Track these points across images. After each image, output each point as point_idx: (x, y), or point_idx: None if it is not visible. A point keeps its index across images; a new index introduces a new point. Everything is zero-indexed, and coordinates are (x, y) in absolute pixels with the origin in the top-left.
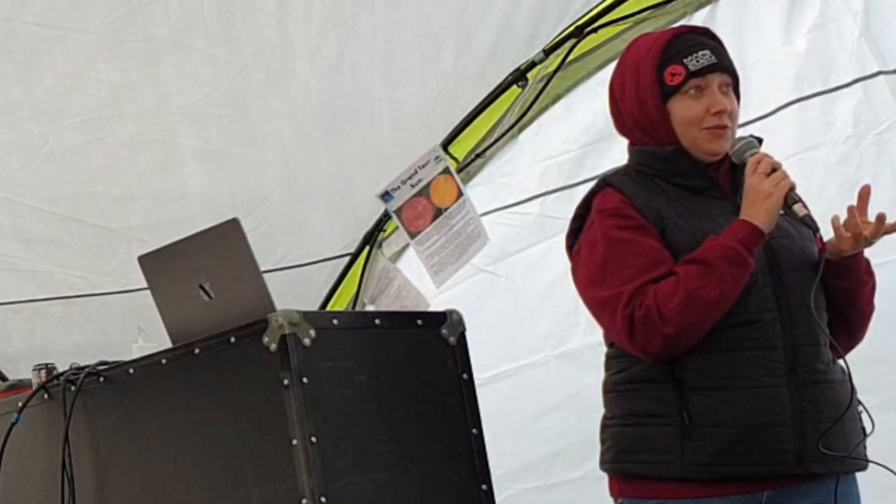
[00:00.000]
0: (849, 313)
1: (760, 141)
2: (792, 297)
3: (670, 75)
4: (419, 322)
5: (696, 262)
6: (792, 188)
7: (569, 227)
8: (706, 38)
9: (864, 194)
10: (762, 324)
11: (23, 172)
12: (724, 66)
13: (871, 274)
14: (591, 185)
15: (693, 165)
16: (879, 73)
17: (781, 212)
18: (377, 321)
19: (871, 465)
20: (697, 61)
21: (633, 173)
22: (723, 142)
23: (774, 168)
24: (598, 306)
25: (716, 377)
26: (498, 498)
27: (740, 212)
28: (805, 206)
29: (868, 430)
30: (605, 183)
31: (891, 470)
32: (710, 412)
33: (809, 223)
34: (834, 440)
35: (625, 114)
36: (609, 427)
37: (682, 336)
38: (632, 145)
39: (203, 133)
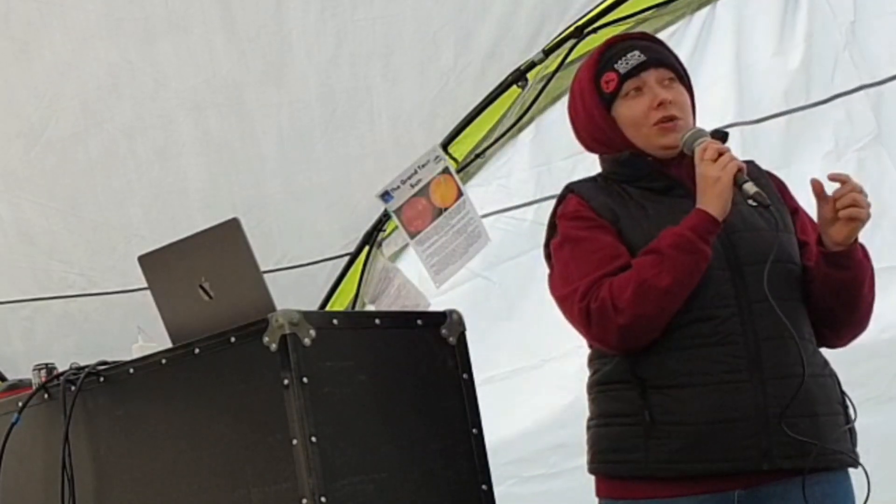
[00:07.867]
0: (851, 304)
1: (725, 135)
2: (752, 292)
3: (605, 83)
4: (419, 322)
5: (649, 252)
6: (741, 169)
7: (545, 238)
8: (638, 41)
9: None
10: (719, 319)
11: (22, 162)
12: (657, 61)
13: (868, 259)
14: None
15: (651, 167)
16: (861, 87)
17: (754, 200)
18: (377, 321)
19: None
20: (627, 63)
21: (601, 179)
22: (674, 134)
23: (721, 153)
24: (561, 302)
25: (674, 375)
26: (501, 486)
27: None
28: (756, 185)
29: (853, 426)
30: (567, 189)
31: (865, 470)
32: (669, 410)
33: (759, 200)
34: (805, 435)
35: (580, 129)
36: (589, 429)
37: (636, 327)
38: (599, 156)
39: (202, 121)
